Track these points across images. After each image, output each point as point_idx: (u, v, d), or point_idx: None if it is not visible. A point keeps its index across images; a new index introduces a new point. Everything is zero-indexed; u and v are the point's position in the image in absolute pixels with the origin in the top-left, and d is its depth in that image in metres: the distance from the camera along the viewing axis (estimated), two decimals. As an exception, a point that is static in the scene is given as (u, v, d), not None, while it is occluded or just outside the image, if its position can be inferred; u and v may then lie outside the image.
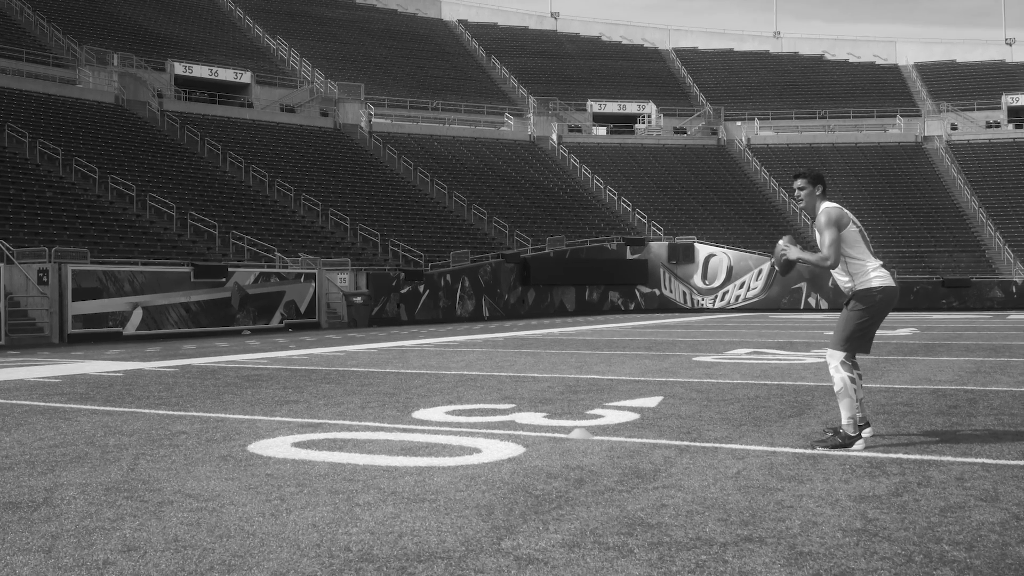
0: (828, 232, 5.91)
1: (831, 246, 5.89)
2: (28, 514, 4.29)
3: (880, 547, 3.69)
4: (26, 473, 5.31)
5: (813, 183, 6.08)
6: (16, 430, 7.04)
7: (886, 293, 5.99)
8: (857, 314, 5.95)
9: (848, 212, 6.08)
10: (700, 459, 5.56)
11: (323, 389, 9.74)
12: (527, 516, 4.18)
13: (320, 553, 3.60)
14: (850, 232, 5.98)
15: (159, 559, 3.55)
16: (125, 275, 22.86)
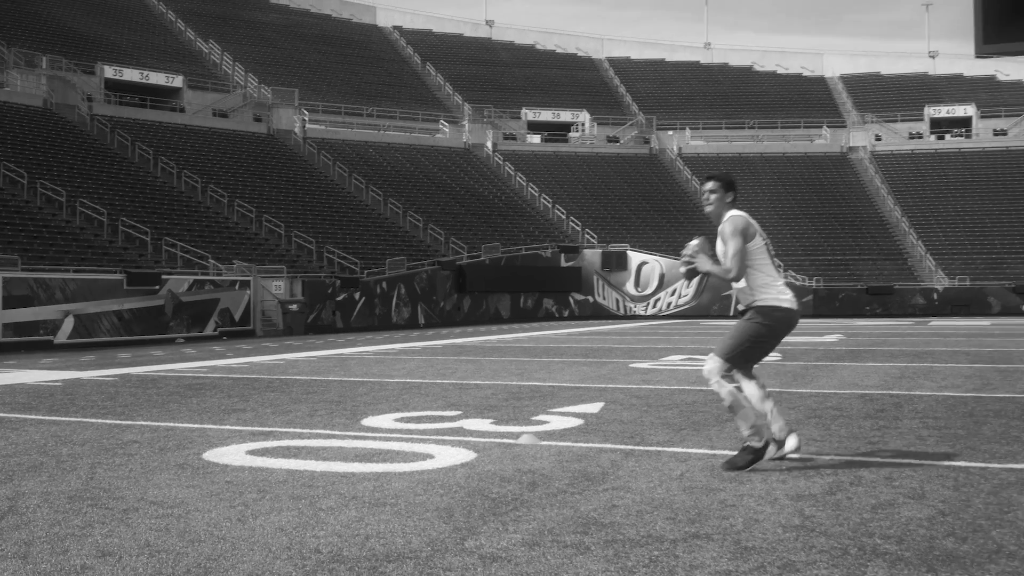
0: (733, 241, 5.51)
1: (735, 257, 5.50)
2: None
3: (817, 541, 3.97)
4: None
5: (725, 188, 5.72)
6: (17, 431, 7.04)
7: (789, 315, 5.66)
8: (755, 327, 5.58)
9: (755, 224, 5.72)
10: (645, 462, 5.82)
11: (268, 398, 9.83)
12: (486, 518, 4.38)
13: (292, 555, 3.76)
14: (756, 245, 5.61)
15: (135, 563, 3.68)
16: (56, 283, 22.55)
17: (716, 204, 5.72)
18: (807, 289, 41.30)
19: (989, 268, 44.20)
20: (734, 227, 5.54)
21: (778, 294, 5.63)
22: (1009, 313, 39.22)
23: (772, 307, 5.58)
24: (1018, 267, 43.91)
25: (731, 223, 5.57)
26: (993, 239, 47.20)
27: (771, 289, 5.63)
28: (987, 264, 44.74)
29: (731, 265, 5.51)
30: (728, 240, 5.54)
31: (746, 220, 5.60)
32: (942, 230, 48.55)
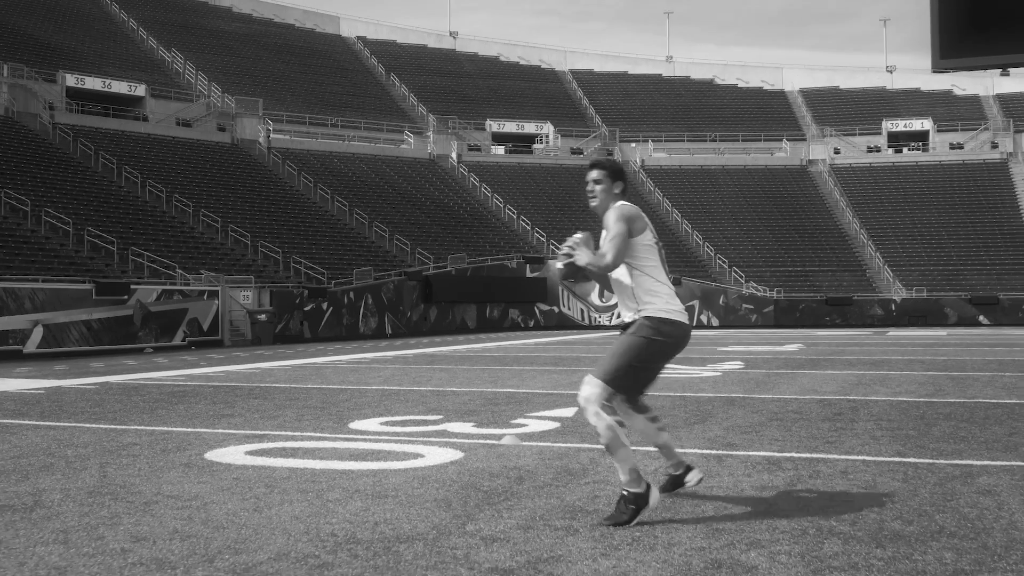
0: (615, 227, 4.71)
1: (612, 240, 4.66)
2: (27, 515, 4.71)
3: (780, 524, 4.42)
4: (1, 482, 5.68)
5: (612, 177, 4.96)
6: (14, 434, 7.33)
7: (681, 330, 4.80)
8: (641, 342, 4.68)
9: (647, 220, 4.96)
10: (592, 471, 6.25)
11: (253, 404, 10.17)
12: (481, 507, 4.80)
13: (311, 538, 4.15)
14: (645, 241, 4.82)
15: (169, 546, 4.05)
16: (26, 292, 22.65)
17: (602, 196, 4.90)
18: (768, 300, 42.06)
19: (945, 280, 45.26)
20: (619, 213, 4.75)
21: (667, 304, 4.76)
22: (965, 324, 40.20)
23: (661, 319, 4.70)
24: (974, 279, 45.00)
25: (617, 210, 4.78)
26: (949, 251, 48.33)
27: (659, 297, 4.76)
28: (943, 276, 45.80)
29: (606, 248, 4.66)
30: (610, 226, 4.74)
31: (636, 211, 4.86)
32: (900, 242, 49.60)
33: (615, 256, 4.64)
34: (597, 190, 4.92)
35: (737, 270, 46.08)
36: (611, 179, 4.95)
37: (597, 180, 4.93)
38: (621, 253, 4.67)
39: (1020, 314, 40.36)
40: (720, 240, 49.84)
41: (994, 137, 59.35)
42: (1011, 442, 7.02)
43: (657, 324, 4.70)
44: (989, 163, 57.34)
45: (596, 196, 4.92)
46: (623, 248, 4.67)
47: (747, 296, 42.22)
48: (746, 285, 44.09)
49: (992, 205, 52.42)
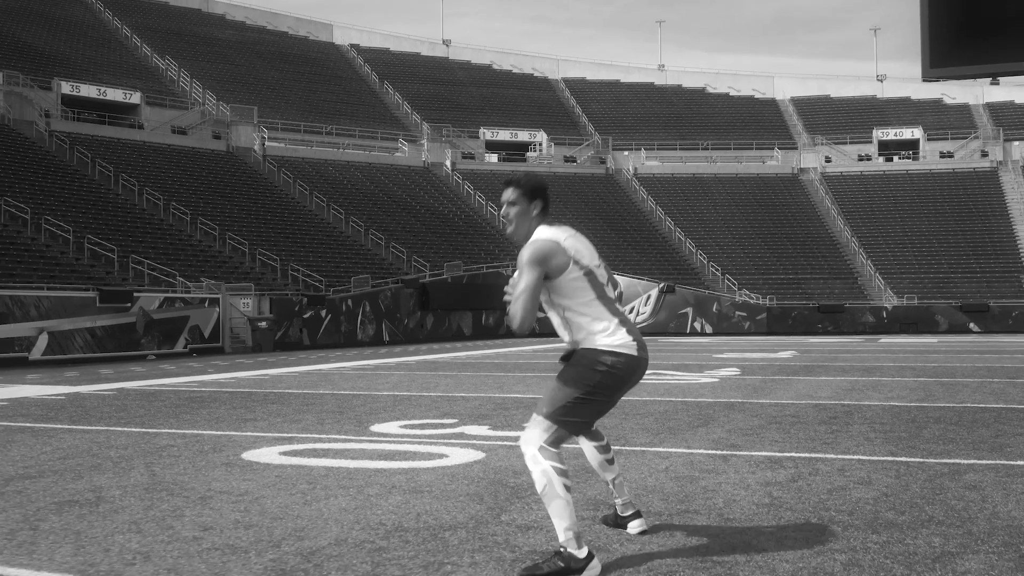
0: (525, 275, 3.96)
1: (520, 297, 3.93)
2: (94, 508, 5.13)
3: (784, 515, 4.86)
4: (59, 480, 6.09)
5: (530, 196, 4.22)
6: (10, 447, 7.72)
7: (626, 362, 4.12)
8: (582, 374, 4.07)
9: (579, 244, 4.17)
10: (633, 459, 6.69)
11: (272, 409, 10.58)
12: (511, 500, 5.23)
13: (363, 527, 4.59)
14: (570, 277, 4.04)
15: (235, 534, 4.47)
16: (31, 300, 23.01)
17: (518, 221, 4.21)
18: (761, 307, 42.58)
19: (936, 287, 45.84)
20: (532, 254, 3.97)
21: (610, 337, 4.10)
22: (955, 331, 40.76)
23: (603, 351, 4.08)
24: (964, 286, 45.59)
25: (530, 248, 4.01)
26: (940, 259, 48.93)
27: (602, 332, 4.10)
28: (934, 283, 46.39)
29: (513, 309, 3.97)
30: (523, 270, 3.99)
31: (553, 245, 4.03)
32: (891, 250, 50.20)
33: (523, 317, 3.94)
34: (511, 213, 4.21)
35: (730, 278, 46.60)
36: (527, 198, 4.21)
37: (511, 201, 4.23)
38: (529, 311, 3.92)
39: (1010, 321, 40.95)
40: (713, 248, 50.37)
41: (984, 146, 60.04)
42: (996, 443, 7.48)
43: (598, 355, 4.06)
44: (979, 171, 58.02)
45: (512, 221, 4.21)
46: (532, 303, 3.91)
47: (740, 304, 42.73)
48: (739, 292, 44.60)
49: (982, 213, 53.06)
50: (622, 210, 55.77)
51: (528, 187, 4.24)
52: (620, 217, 54.39)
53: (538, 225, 4.17)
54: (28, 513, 5.01)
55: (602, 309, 4.13)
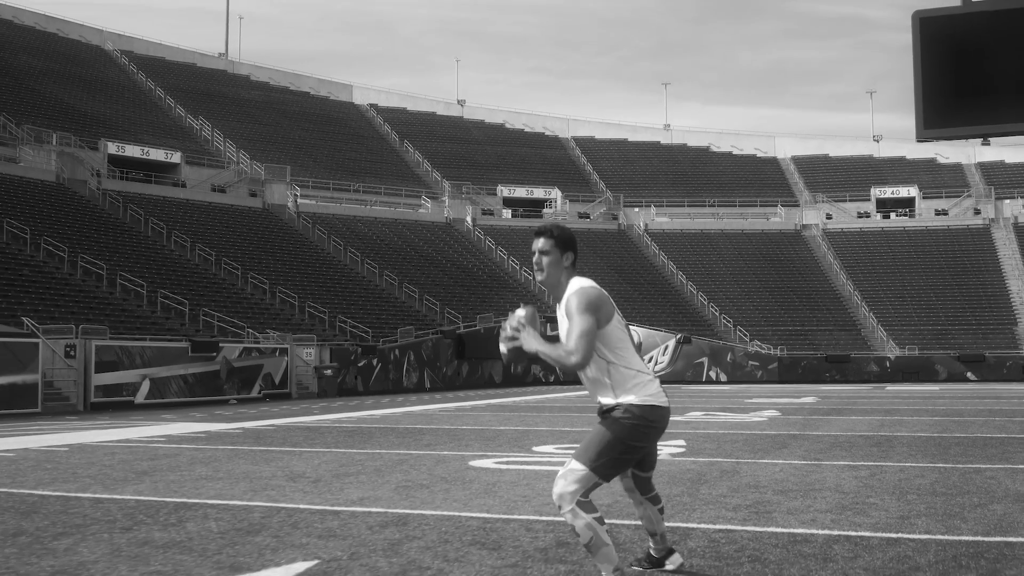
0: (582, 320, 4.23)
1: (582, 338, 4.20)
2: (447, 488, 7.85)
3: (873, 493, 7.62)
4: (358, 480, 8.83)
5: (562, 247, 4.46)
6: (273, 461, 10.46)
7: (661, 415, 4.49)
8: (622, 431, 4.36)
9: (610, 299, 4.51)
10: (753, 467, 9.46)
11: (429, 440, 13.31)
12: (693, 486, 7.99)
13: (612, 493, 7.33)
14: (614, 328, 4.39)
15: (536, 504, 7.21)
16: (136, 349, 25.76)
17: (550, 270, 4.45)
18: (772, 357, 45.36)
19: (935, 338, 48.69)
20: (585, 300, 4.27)
21: (648, 390, 4.42)
22: (954, 379, 43.52)
23: (645, 406, 4.38)
24: (961, 338, 48.45)
25: (582, 296, 4.29)
26: (938, 312, 51.83)
27: (639, 384, 4.40)
28: (933, 334, 49.24)
29: (574, 346, 4.19)
30: (575, 316, 4.25)
31: (600, 293, 4.38)
32: (891, 303, 53.10)
33: (583, 357, 4.19)
34: (544, 262, 4.44)
35: (742, 329, 49.42)
36: (560, 249, 4.43)
37: (544, 251, 4.43)
38: (590, 353, 4.22)
39: (1004, 371, 43.74)
40: (723, 300, 53.24)
41: (977, 204, 63.23)
42: (1004, 456, 10.30)
43: (642, 411, 4.34)
44: (972, 228, 61.10)
45: (543, 269, 4.46)
46: (591, 346, 4.21)
47: (752, 353, 45.53)
48: (750, 343, 47.40)
49: (976, 268, 56.07)
50: (635, 264, 58.67)
51: (562, 239, 4.45)
52: (634, 271, 57.25)
53: (571, 275, 4.42)
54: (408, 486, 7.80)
55: (637, 360, 4.45)
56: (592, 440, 4.38)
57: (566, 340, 4.25)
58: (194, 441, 13.18)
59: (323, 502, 7.22)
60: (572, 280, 4.40)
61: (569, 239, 4.48)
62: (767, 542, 5.53)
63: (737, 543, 5.51)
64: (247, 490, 7.91)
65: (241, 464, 9.95)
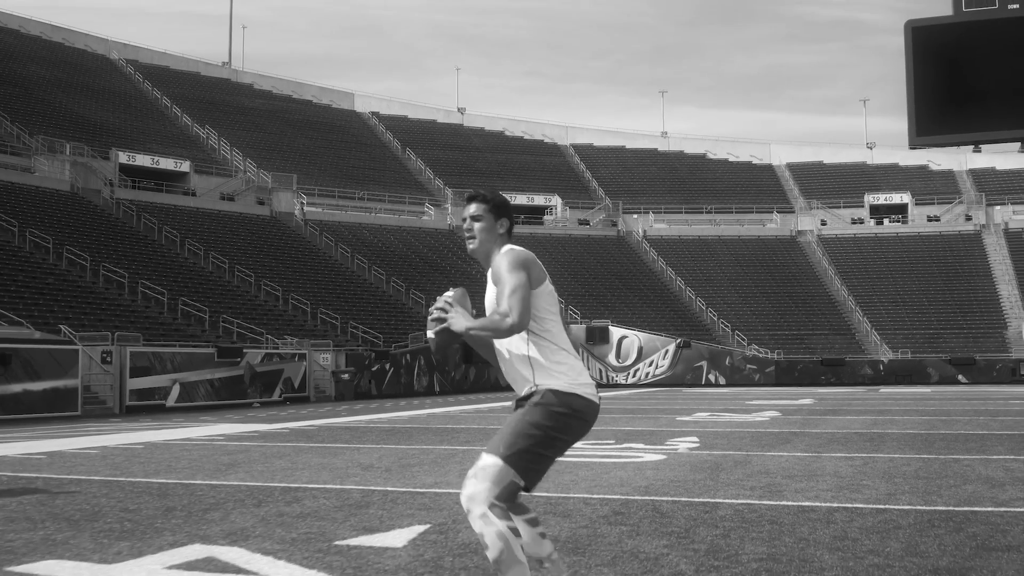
0: (512, 276, 3.78)
1: (514, 295, 3.71)
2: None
3: (867, 478, 9.00)
4: (423, 469, 10.18)
5: (497, 213, 4.04)
6: (338, 455, 11.81)
7: (590, 408, 3.90)
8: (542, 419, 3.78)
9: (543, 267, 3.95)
10: (763, 459, 10.83)
11: (463, 437, 14.64)
12: (714, 473, 9.36)
13: (648, 482, 8.69)
14: (544, 293, 3.89)
15: (592, 485, 8.57)
16: (168, 355, 27.09)
17: (482, 236, 4.02)
18: (770, 361, 46.78)
19: (927, 342, 50.15)
20: (515, 259, 3.86)
21: (577, 376, 3.89)
22: (946, 382, 44.97)
23: (570, 393, 3.83)
24: (952, 341, 49.91)
25: (510, 254, 3.90)
26: (930, 316, 53.31)
27: (565, 368, 3.88)
28: (925, 338, 50.70)
29: (507, 305, 3.70)
30: (503, 277, 3.81)
31: (531, 255, 3.97)
32: (884, 307, 54.57)
33: (519, 315, 3.67)
34: (476, 228, 4.01)
35: (740, 333, 50.83)
36: (495, 215, 4.02)
37: (476, 216, 4.02)
38: (527, 312, 3.72)
39: (994, 373, 45.20)
40: (721, 305, 54.66)
41: (968, 210, 64.73)
42: (981, 448, 11.69)
43: (565, 399, 3.80)
44: (964, 234, 62.60)
45: (475, 236, 4.01)
46: (527, 305, 3.72)
47: (750, 357, 46.95)
48: (748, 347, 48.82)
49: (967, 273, 57.58)
50: (635, 270, 60.07)
51: (496, 203, 4.06)
52: (634, 277, 58.65)
53: (503, 244, 4.00)
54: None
55: (565, 339, 3.93)
56: (505, 430, 3.82)
57: (496, 302, 3.79)
58: (252, 439, 14.53)
59: (405, 485, 8.58)
60: (504, 247, 3.97)
61: (503, 204, 4.09)
62: (781, 511, 6.89)
63: (757, 512, 6.87)
64: (332, 477, 9.26)
65: (312, 458, 11.30)
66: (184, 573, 4.99)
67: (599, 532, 6.12)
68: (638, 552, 5.45)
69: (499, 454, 3.71)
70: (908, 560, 5.13)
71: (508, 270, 3.78)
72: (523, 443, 3.71)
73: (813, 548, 5.49)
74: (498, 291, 3.80)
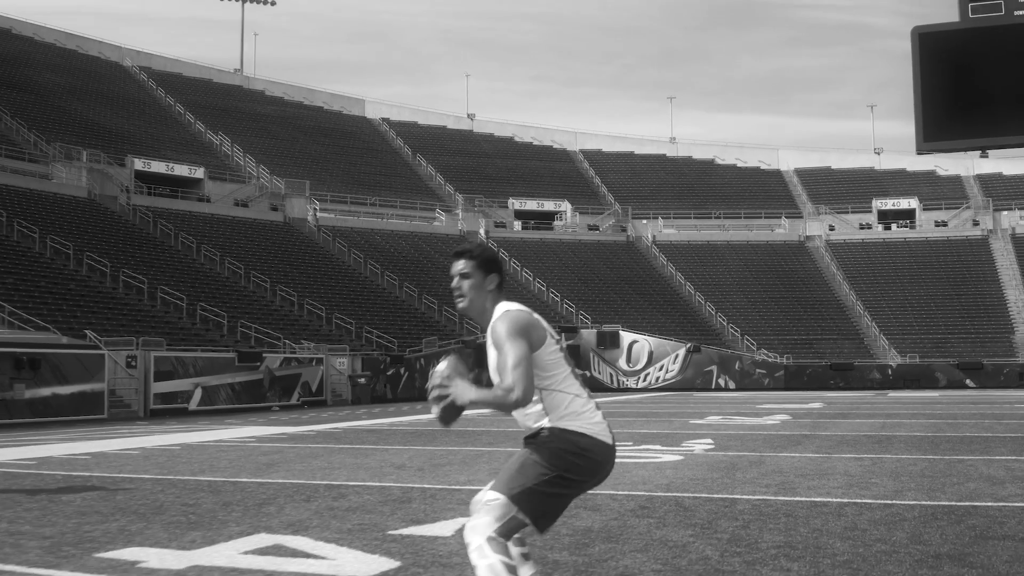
0: (513, 347, 3.73)
1: (516, 369, 3.70)
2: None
3: (876, 477, 9.52)
4: (453, 468, 10.73)
5: (485, 269, 3.99)
6: (370, 455, 12.37)
7: (602, 452, 3.87)
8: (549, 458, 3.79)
9: (542, 320, 3.94)
10: (776, 460, 11.36)
11: (486, 439, 15.18)
12: (730, 471, 9.90)
13: (678, 476, 9.21)
14: (549, 350, 3.87)
15: (616, 483, 9.11)
16: (190, 360, 27.71)
17: (471, 294, 4.01)
18: (779, 365, 47.26)
19: (935, 346, 50.57)
20: (513, 324, 3.80)
21: (588, 420, 3.89)
22: (954, 386, 45.39)
23: (578, 433, 3.84)
24: (960, 346, 50.33)
25: (507, 319, 3.82)
26: (938, 320, 53.72)
27: (576, 411, 3.88)
28: (933, 343, 51.12)
29: (511, 381, 3.69)
30: (503, 346, 3.77)
31: (529, 316, 3.88)
32: (893, 312, 54.98)
33: (524, 391, 3.68)
34: (464, 287, 4.01)
35: (749, 338, 51.31)
36: (483, 271, 3.99)
37: (464, 273, 4.01)
38: (530, 384, 3.71)
39: (1001, 377, 45.61)
40: (730, 310, 55.13)
41: (975, 215, 65.12)
42: (985, 449, 12.23)
43: (574, 436, 3.82)
44: (971, 239, 62.96)
45: (464, 295, 4.02)
46: (530, 376, 3.72)
47: (760, 362, 47.43)
48: (757, 352, 49.30)
49: (975, 278, 57.96)
50: (645, 275, 60.56)
51: (483, 259, 4.03)
52: (643, 282, 59.15)
53: (496, 300, 3.99)
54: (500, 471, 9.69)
55: (577, 385, 3.92)
56: (511, 466, 3.84)
57: (499, 374, 3.78)
58: (283, 441, 15.11)
59: (439, 483, 9.14)
60: (498, 306, 3.95)
61: (491, 259, 4.03)
62: (795, 506, 7.43)
63: (773, 506, 7.42)
64: (370, 476, 9.82)
65: (345, 458, 11.87)
66: (259, 558, 5.55)
67: (628, 524, 6.66)
68: (666, 540, 5.99)
69: (503, 491, 3.73)
70: (912, 547, 5.67)
71: (508, 337, 3.75)
72: (528, 482, 3.72)
73: (826, 537, 6.03)
74: (499, 361, 3.78)
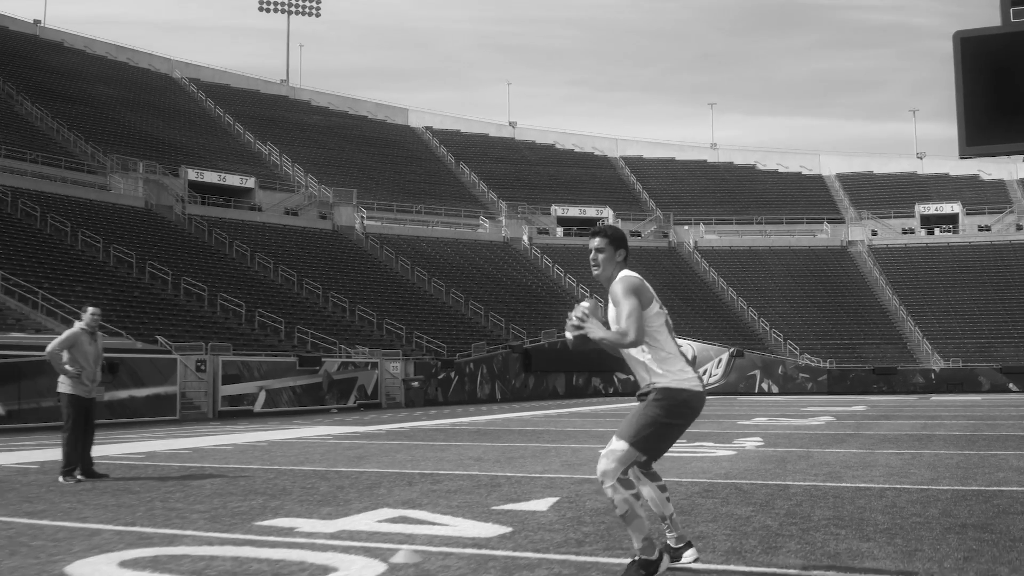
0: (627, 301, 4.87)
1: (630, 318, 4.82)
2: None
3: (915, 468, 10.44)
4: (526, 461, 11.78)
5: (615, 245, 5.13)
6: (446, 450, 13.45)
7: (695, 399, 5.01)
8: (658, 411, 4.92)
9: (651, 288, 5.11)
10: (823, 454, 12.30)
11: (547, 438, 16.23)
12: (780, 464, 10.87)
13: (723, 469, 10.20)
14: (653, 312, 5.00)
15: (665, 468, 10.12)
16: (255, 364, 29.02)
17: (605, 265, 5.13)
18: (822, 369, 47.88)
19: (979, 351, 50.91)
20: (627, 286, 4.94)
21: (681, 373, 4.98)
22: (997, 390, 45.72)
23: (676, 389, 4.94)
24: (1004, 350, 50.64)
25: (623, 282, 4.97)
26: (981, 325, 54.01)
27: (673, 368, 4.97)
28: (977, 347, 51.45)
29: (626, 326, 4.81)
30: (620, 301, 4.90)
31: (641, 281, 5.03)
32: (936, 317, 55.33)
33: (637, 333, 4.79)
34: (600, 259, 5.11)
35: (792, 343, 51.94)
36: (613, 247, 5.10)
37: (600, 248, 5.11)
38: (641, 330, 4.82)
39: (1045, 381, 45.98)
40: (773, 315, 55.77)
41: (1019, 220, 65.21)
42: (1019, 445, 13.10)
43: (673, 394, 4.90)
44: (1015, 244, 63.04)
45: (599, 265, 5.13)
46: (641, 324, 4.82)
47: (803, 366, 48.07)
48: (800, 356, 49.93)
49: (1019, 283, 58.09)
50: (687, 281, 61.33)
51: (615, 237, 5.14)
52: (686, 288, 59.89)
53: (621, 269, 5.10)
54: (570, 464, 10.72)
55: (673, 344, 5.01)
56: (632, 419, 4.94)
57: (617, 322, 4.84)
58: (360, 438, 16.26)
59: (520, 471, 10.20)
60: (620, 273, 5.05)
61: (621, 237, 5.14)
62: (842, 491, 8.41)
63: (822, 491, 8.40)
64: (455, 466, 10.89)
65: (425, 452, 12.98)
66: (393, 525, 6.63)
67: (696, 503, 7.68)
68: (731, 514, 7.01)
69: (627, 439, 4.88)
70: (943, 519, 6.65)
71: (623, 296, 4.86)
72: (645, 431, 4.86)
73: (869, 512, 7.02)
74: (617, 312, 4.86)
